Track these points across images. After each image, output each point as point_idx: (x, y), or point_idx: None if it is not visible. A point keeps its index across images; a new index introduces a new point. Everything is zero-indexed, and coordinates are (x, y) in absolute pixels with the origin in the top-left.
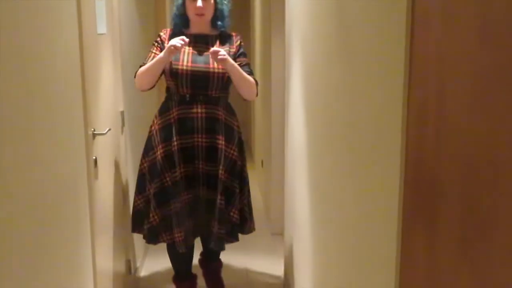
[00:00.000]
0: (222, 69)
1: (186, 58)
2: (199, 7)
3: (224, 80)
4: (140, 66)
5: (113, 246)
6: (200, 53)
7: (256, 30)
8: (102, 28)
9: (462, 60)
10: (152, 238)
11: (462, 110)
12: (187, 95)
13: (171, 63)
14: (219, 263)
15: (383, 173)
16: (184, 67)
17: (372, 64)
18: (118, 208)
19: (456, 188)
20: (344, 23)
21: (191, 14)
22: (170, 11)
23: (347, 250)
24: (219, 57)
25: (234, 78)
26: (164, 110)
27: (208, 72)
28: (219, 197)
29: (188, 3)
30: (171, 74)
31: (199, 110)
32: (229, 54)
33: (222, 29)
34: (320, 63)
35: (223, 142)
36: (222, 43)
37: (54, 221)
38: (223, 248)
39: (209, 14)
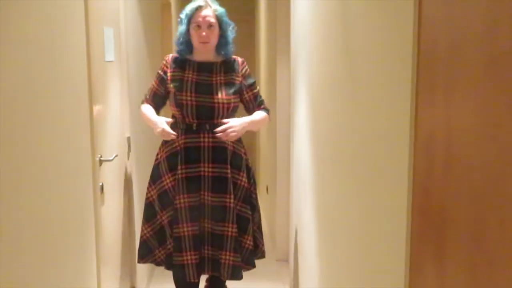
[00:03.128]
0: (227, 99)
1: (190, 88)
2: (204, 36)
3: (230, 110)
4: (143, 100)
5: (119, 272)
6: (204, 82)
7: (262, 52)
8: (110, 55)
9: (469, 88)
10: (170, 264)
11: (470, 138)
12: (194, 124)
13: (175, 93)
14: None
15: (390, 200)
16: (189, 98)
17: (379, 90)
18: (123, 234)
19: (464, 216)
20: (350, 47)
21: (195, 41)
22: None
23: (355, 278)
24: (231, 134)
25: (254, 129)
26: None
27: (213, 103)
28: (230, 226)
29: (192, 31)
30: (176, 105)
31: (206, 140)
32: (234, 83)
33: (226, 57)
34: (327, 88)
35: (231, 171)
36: (226, 71)
37: (60, 246)
38: (240, 277)
39: (214, 41)
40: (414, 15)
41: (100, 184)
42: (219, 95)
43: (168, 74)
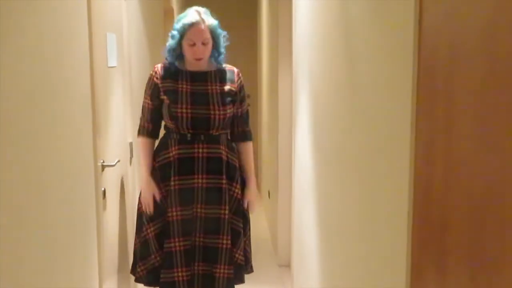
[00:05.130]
0: (224, 110)
1: (185, 100)
2: (199, 53)
3: (226, 120)
4: (140, 129)
5: (121, 277)
6: (199, 91)
7: (263, 56)
8: (112, 61)
9: (469, 95)
10: (153, 280)
11: (470, 145)
12: (188, 134)
13: (169, 105)
14: None
15: (391, 206)
16: (184, 110)
17: (380, 97)
18: (125, 239)
19: (465, 223)
20: (351, 52)
21: (188, 56)
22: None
23: (356, 283)
24: (255, 206)
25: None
26: (163, 148)
27: (209, 114)
28: (225, 238)
29: (186, 47)
30: (171, 117)
31: (201, 150)
32: (230, 93)
33: (219, 65)
34: (328, 93)
35: (226, 181)
36: (222, 81)
37: (62, 251)
38: None
39: (208, 55)
40: (415, 22)
41: (102, 189)
42: (216, 106)
43: (160, 86)
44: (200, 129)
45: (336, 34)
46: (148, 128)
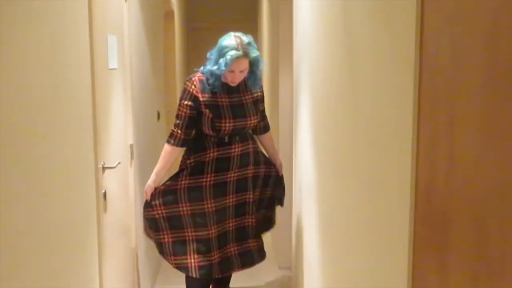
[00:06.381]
0: (256, 117)
1: (227, 114)
2: (236, 79)
3: (256, 122)
4: (174, 136)
5: (121, 278)
6: (236, 103)
7: (264, 58)
8: (113, 63)
9: (471, 96)
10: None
11: (472, 146)
12: (226, 138)
13: (213, 119)
14: None
15: (393, 207)
16: (227, 124)
17: (382, 98)
18: (125, 241)
19: (467, 224)
20: (352, 54)
21: (226, 78)
22: (179, 46)
23: (357, 285)
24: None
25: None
26: (199, 149)
27: (246, 123)
28: (250, 217)
29: (226, 72)
30: (213, 129)
31: (236, 149)
32: (257, 100)
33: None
34: (329, 94)
35: (254, 169)
36: (246, 86)
37: (63, 253)
38: (263, 256)
39: (243, 78)
40: (417, 23)
41: (103, 191)
42: (251, 115)
43: (201, 99)
44: (237, 134)
45: (337, 34)
46: (181, 137)
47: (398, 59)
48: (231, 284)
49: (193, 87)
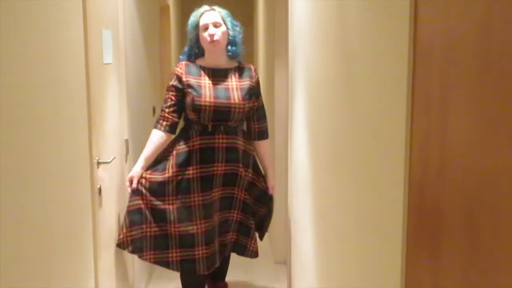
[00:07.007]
0: (243, 104)
1: (209, 93)
2: (212, 34)
3: (244, 113)
4: (159, 119)
5: (116, 274)
6: (221, 86)
7: (260, 54)
8: (108, 57)
9: (464, 90)
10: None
11: (465, 139)
12: (209, 126)
13: (193, 98)
14: (225, 285)
15: (387, 200)
16: (207, 103)
17: (376, 93)
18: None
19: (459, 216)
20: (347, 50)
21: (206, 43)
22: (175, 41)
23: (351, 278)
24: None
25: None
26: (183, 138)
27: (230, 107)
28: (235, 212)
29: (202, 34)
30: (194, 109)
31: (220, 140)
32: (248, 88)
33: (238, 58)
34: (324, 89)
35: (243, 169)
36: (241, 76)
37: (57, 248)
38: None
39: (223, 41)
40: (410, 18)
41: (98, 186)
42: (236, 99)
43: (184, 80)
44: (220, 121)
45: (332, 29)
46: (168, 122)
47: (391, 54)
48: (226, 278)
49: (178, 69)
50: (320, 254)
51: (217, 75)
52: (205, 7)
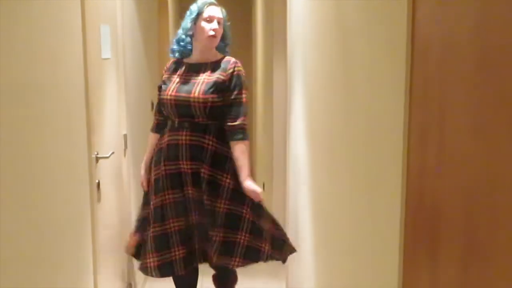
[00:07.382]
0: (204, 98)
1: (172, 88)
2: (214, 29)
3: (207, 108)
4: (153, 122)
5: (115, 269)
6: (187, 81)
7: (258, 51)
8: (106, 53)
9: (462, 87)
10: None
11: (463, 137)
12: (176, 122)
13: (160, 93)
14: (234, 277)
15: (384, 199)
16: (169, 97)
17: (373, 90)
18: (119, 231)
19: (457, 215)
20: (345, 46)
21: (203, 36)
22: (173, 36)
23: (350, 275)
24: (260, 196)
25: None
26: (162, 134)
27: (189, 101)
28: (220, 230)
29: (202, 25)
30: (160, 102)
31: (184, 137)
32: (216, 81)
33: (226, 51)
34: (322, 86)
35: (212, 171)
36: (214, 71)
37: (56, 243)
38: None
39: (218, 39)
40: (408, 15)
41: (97, 181)
42: (196, 93)
43: (163, 77)
44: (185, 117)
45: (330, 26)
46: (154, 121)
47: (390, 51)
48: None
49: (165, 68)
50: (319, 251)
51: (191, 70)
52: (212, 0)
